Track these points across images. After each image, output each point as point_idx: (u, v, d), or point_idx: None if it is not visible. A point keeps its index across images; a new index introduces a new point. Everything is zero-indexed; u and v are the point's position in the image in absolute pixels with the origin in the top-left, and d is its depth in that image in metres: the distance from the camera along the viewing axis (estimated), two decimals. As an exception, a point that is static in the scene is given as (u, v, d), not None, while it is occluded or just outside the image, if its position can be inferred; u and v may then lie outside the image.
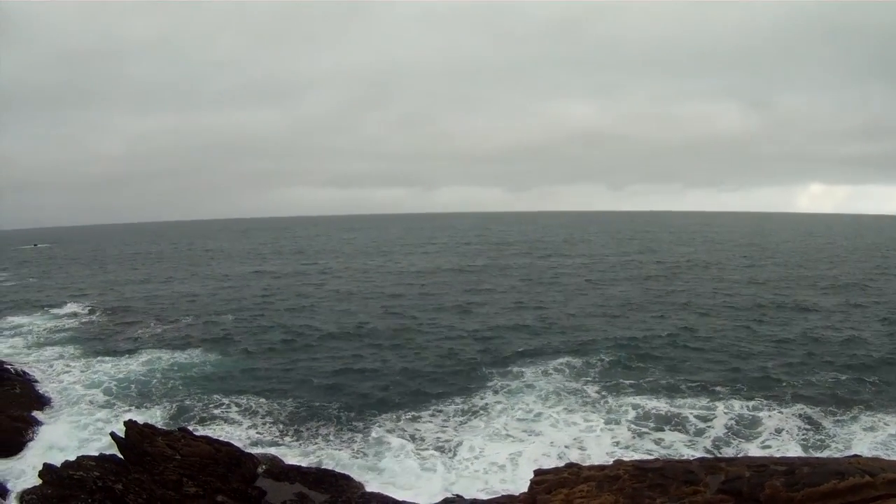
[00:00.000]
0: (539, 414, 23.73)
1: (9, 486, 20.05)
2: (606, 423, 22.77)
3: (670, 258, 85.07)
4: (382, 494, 17.76)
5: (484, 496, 17.33)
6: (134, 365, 33.98)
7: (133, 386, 30.32)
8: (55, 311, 53.77)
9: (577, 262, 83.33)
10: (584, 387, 26.77)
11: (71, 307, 55.20)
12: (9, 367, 32.95)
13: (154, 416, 25.84)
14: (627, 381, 27.32)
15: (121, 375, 32.11)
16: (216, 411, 26.31)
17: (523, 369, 29.77)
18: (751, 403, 24.01)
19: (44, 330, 45.42)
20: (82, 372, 33.53)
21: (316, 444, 22.66)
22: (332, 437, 22.91)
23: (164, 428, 22.67)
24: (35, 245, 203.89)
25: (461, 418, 23.96)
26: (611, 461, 18.22)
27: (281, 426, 24.26)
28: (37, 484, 19.18)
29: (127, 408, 27.31)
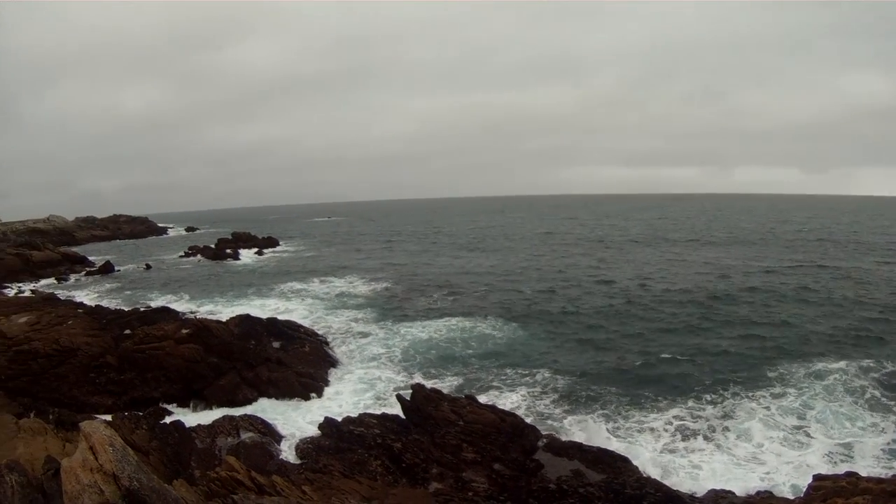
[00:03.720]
0: (816, 410, 26.75)
1: (287, 434, 25.38)
2: (884, 426, 25.03)
3: None
4: (657, 481, 20.25)
5: (757, 486, 20.77)
6: (425, 331, 41.74)
7: (422, 351, 37.33)
8: (347, 278, 67.68)
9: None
10: (870, 388, 29.09)
11: (362, 275, 69.10)
12: (300, 327, 42.05)
13: (443, 381, 32.03)
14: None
15: (410, 340, 39.59)
16: (504, 381, 31.84)
17: (813, 364, 32.80)
18: None
19: (335, 296, 57.30)
20: (371, 335, 41.48)
21: (595, 422, 26.49)
22: (612, 418, 26.92)
23: (451, 394, 27.51)
24: (329, 218, 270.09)
25: (740, 409, 27.32)
26: (885, 469, 21.11)
27: (564, 402, 28.82)
28: (315, 435, 24.29)
29: (416, 372, 33.82)
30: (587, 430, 25.76)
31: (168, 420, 25.33)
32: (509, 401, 28.97)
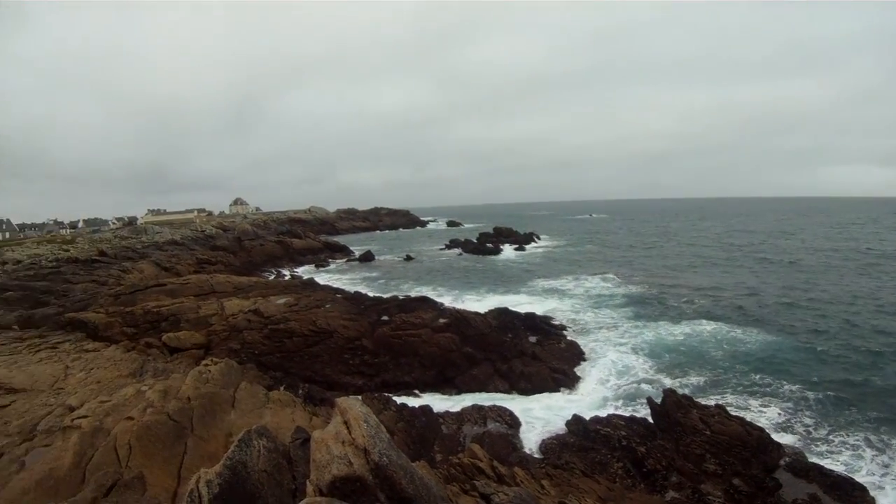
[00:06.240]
0: None
1: (533, 428, 26.93)
2: None
3: None
4: (894, 515, 19.16)
5: None
6: (678, 333, 43.06)
7: (671, 349, 39.34)
8: (604, 278, 70.12)
9: None
10: None
11: (619, 276, 71.41)
12: (557, 323, 45.08)
13: (687, 380, 33.31)
14: None
15: (663, 341, 40.95)
16: (751, 389, 32.45)
17: None
18: None
19: (592, 294, 59.64)
20: (624, 334, 43.07)
21: (841, 446, 25.96)
22: (859, 444, 26.08)
23: (694, 394, 28.75)
24: (590, 216, 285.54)
25: None
26: None
27: (815, 420, 28.51)
28: (561, 432, 25.76)
29: (663, 370, 35.01)
30: (833, 452, 25.29)
31: (417, 404, 28.00)
32: (755, 411, 29.34)
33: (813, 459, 23.70)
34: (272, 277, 73.48)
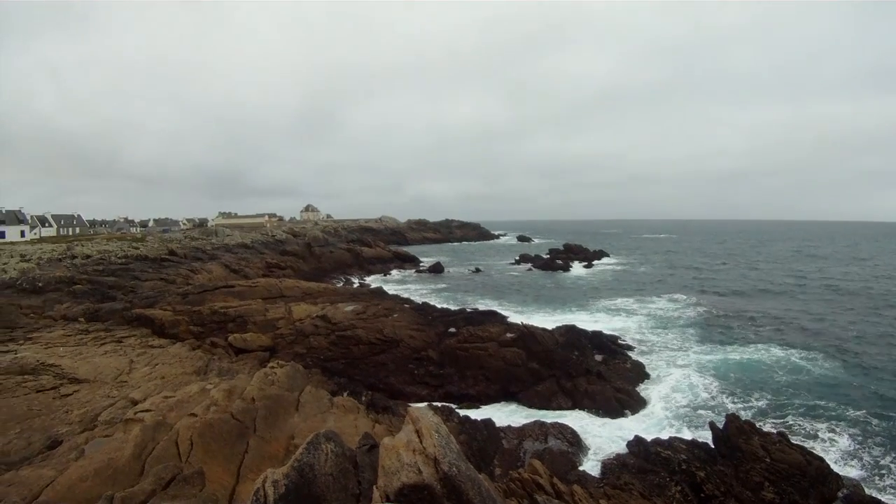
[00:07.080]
0: None
1: (594, 447, 27.33)
2: None
3: None
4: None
5: None
6: (742, 357, 43.24)
7: (737, 376, 38.90)
8: (671, 298, 70.68)
9: None
10: None
11: (685, 297, 71.79)
12: (623, 342, 45.44)
13: (750, 407, 33.25)
14: None
15: (728, 364, 41.12)
16: (810, 416, 32.45)
17: None
18: None
19: (658, 315, 59.90)
20: (691, 356, 43.40)
21: None
22: None
23: (754, 418, 29.02)
24: (660, 235, 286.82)
25: None
26: None
27: (879, 451, 28.19)
28: (622, 452, 25.96)
29: (724, 392, 35.28)
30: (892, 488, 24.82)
31: (479, 417, 28.34)
32: (820, 438, 29.41)
33: (873, 493, 23.37)
34: (341, 284, 74.63)
